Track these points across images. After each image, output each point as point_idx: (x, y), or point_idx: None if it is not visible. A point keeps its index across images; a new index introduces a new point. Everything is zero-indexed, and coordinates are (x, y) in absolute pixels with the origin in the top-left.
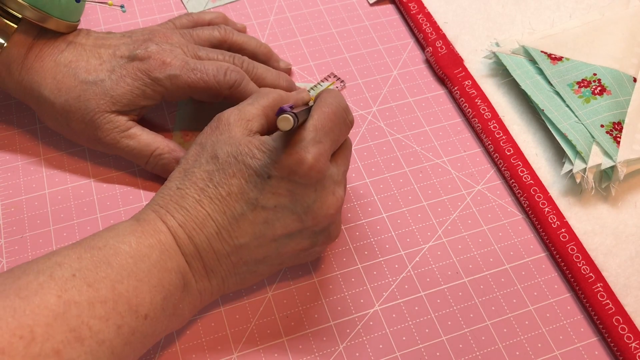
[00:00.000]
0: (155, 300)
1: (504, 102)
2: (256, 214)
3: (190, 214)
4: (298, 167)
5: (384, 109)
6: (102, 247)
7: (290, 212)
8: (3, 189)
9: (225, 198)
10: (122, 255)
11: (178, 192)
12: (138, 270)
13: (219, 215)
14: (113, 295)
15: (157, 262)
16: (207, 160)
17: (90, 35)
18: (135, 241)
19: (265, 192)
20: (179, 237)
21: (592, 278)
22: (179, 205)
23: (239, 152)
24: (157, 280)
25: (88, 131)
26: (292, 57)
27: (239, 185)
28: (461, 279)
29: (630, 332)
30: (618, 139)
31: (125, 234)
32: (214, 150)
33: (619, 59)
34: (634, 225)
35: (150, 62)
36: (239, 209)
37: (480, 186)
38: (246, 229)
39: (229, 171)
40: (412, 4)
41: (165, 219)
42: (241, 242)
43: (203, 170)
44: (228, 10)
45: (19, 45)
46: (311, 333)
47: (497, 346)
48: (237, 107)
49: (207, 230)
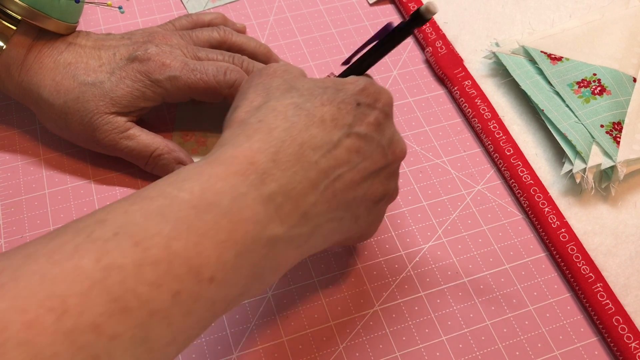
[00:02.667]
0: (224, 258)
1: (504, 102)
2: (351, 142)
3: (285, 144)
4: (381, 95)
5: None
6: (156, 197)
7: (377, 144)
8: (3, 189)
9: (321, 124)
10: (180, 205)
11: (262, 124)
12: (201, 223)
13: (317, 142)
14: (167, 254)
15: (228, 211)
16: (284, 94)
17: (90, 36)
18: (199, 187)
19: (358, 119)
20: (270, 173)
21: (592, 278)
22: (267, 135)
23: (323, 84)
24: (226, 233)
25: (87, 132)
26: (292, 57)
27: (332, 112)
28: (461, 279)
29: (630, 332)
30: (618, 139)
31: (186, 179)
32: (288, 86)
33: (618, 59)
34: (634, 225)
35: (150, 64)
36: (336, 135)
37: (480, 186)
38: (344, 157)
39: (317, 100)
40: (412, 4)
41: (249, 153)
42: (339, 172)
43: (285, 102)
44: (228, 10)
45: (18, 46)
46: (311, 333)
47: (497, 346)
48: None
49: (305, 160)
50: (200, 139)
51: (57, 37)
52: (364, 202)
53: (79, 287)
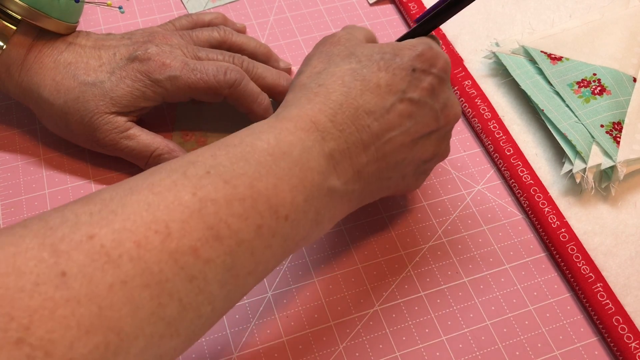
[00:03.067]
0: (296, 200)
1: (504, 102)
2: (404, 106)
3: (342, 106)
4: (437, 60)
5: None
6: (238, 144)
7: (429, 109)
8: (3, 189)
9: (375, 90)
10: (259, 152)
11: (321, 88)
12: (277, 168)
13: (371, 106)
14: (252, 192)
15: (299, 161)
16: (344, 60)
17: (90, 36)
18: (273, 138)
19: (412, 85)
20: (329, 132)
21: (592, 278)
22: (326, 98)
23: (380, 51)
24: (298, 179)
25: (87, 132)
26: (292, 57)
27: (387, 78)
28: (461, 279)
29: (630, 332)
30: (618, 139)
31: (262, 130)
32: (349, 52)
33: (618, 59)
34: (634, 225)
35: (150, 64)
36: (390, 100)
37: (480, 186)
38: (395, 121)
39: (373, 66)
40: (412, 4)
41: (311, 113)
42: (390, 135)
43: (344, 68)
44: (228, 10)
45: (18, 46)
46: (311, 333)
47: (497, 346)
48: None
49: (359, 123)
50: (200, 139)
51: (57, 37)
52: (412, 162)
53: (180, 215)
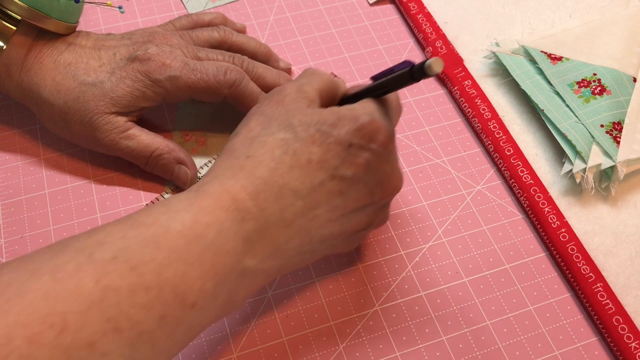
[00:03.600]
0: (206, 287)
1: (504, 102)
2: (335, 184)
3: (267, 184)
4: (377, 135)
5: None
6: (151, 225)
7: (363, 185)
8: (3, 189)
9: (305, 166)
10: (172, 234)
11: (249, 160)
12: (189, 254)
13: (298, 184)
14: (158, 281)
15: (213, 244)
16: (279, 128)
17: (90, 36)
18: (189, 219)
19: (346, 161)
20: (249, 212)
21: (592, 278)
22: (251, 174)
23: (318, 120)
24: (210, 265)
25: (87, 132)
26: (292, 57)
27: (320, 153)
28: (461, 278)
29: (630, 332)
30: (618, 139)
31: (179, 209)
32: (286, 119)
33: (619, 59)
34: (634, 225)
35: (150, 64)
36: (319, 177)
37: (480, 186)
38: (322, 199)
39: (308, 139)
40: (412, 4)
41: (233, 190)
42: (316, 213)
43: (277, 138)
44: (228, 10)
45: (18, 47)
46: (311, 333)
47: (497, 346)
48: (294, 83)
49: (282, 202)
50: (200, 138)
51: (57, 37)
52: (341, 234)
53: (79, 306)
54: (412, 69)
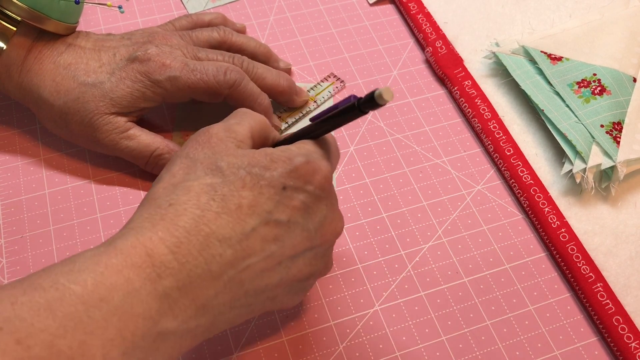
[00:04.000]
0: (110, 356)
1: (504, 102)
2: (269, 229)
3: (190, 234)
4: (314, 176)
5: (383, 109)
6: (47, 288)
7: (301, 229)
8: (3, 189)
9: (235, 212)
10: (70, 299)
11: (171, 209)
12: (89, 320)
13: (226, 232)
14: (50, 354)
15: (119, 308)
16: (206, 172)
17: (89, 37)
18: (92, 280)
19: (280, 204)
20: (167, 267)
21: (592, 278)
22: (173, 224)
23: (249, 162)
24: (115, 330)
25: (87, 133)
26: (292, 57)
27: (252, 197)
28: (461, 278)
29: (630, 332)
30: (618, 139)
31: (82, 269)
32: (213, 162)
33: (619, 59)
34: (634, 225)
35: (150, 64)
36: (251, 224)
37: (480, 186)
38: (256, 247)
39: (237, 183)
40: (412, 4)
41: (149, 244)
42: (248, 262)
43: (203, 182)
44: (228, 10)
45: (18, 47)
46: (311, 333)
47: (497, 346)
48: (223, 123)
49: (208, 252)
50: None
51: (56, 38)
52: (281, 284)
53: None
54: (359, 101)
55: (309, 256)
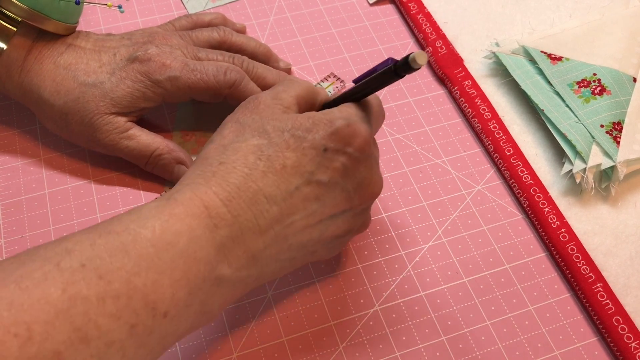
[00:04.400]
0: (178, 295)
1: (504, 102)
2: (311, 189)
3: (240, 190)
4: (354, 139)
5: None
6: (121, 232)
7: (341, 190)
8: (3, 189)
9: (280, 172)
10: (142, 242)
11: (222, 167)
12: (159, 261)
13: (272, 190)
14: (127, 289)
15: (184, 252)
16: (253, 134)
17: (89, 37)
18: (159, 226)
19: (321, 166)
20: (223, 218)
21: (592, 278)
22: (224, 180)
23: (293, 126)
24: (181, 272)
25: (87, 133)
26: (292, 57)
27: (295, 158)
28: (461, 279)
29: (630, 332)
30: (618, 139)
31: (149, 217)
32: (260, 125)
33: (619, 59)
34: (634, 225)
35: (150, 64)
36: (295, 183)
37: (480, 186)
38: (299, 205)
39: (282, 144)
40: (412, 4)
41: (205, 197)
42: (292, 219)
43: (250, 144)
44: (228, 10)
45: (18, 48)
46: (311, 333)
47: (497, 346)
48: (271, 91)
49: (257, 208)
50: (200, 139)
51: (56, 38)
52: (320, 241)
53: (45, 315)
54: (396, 65)
55: (348, 215)
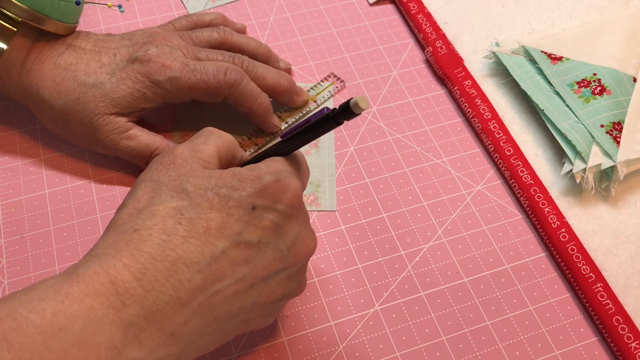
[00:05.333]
0: None
1: (504, 102)
2: (239, 251)
3: (155, 260)
4: (284, 195)
5: (384, 109)
6: (4, 318)
7: (272, 249)
8: (3, 189)
9: (203, 235)
10: (27, 329)
11: (136, 234)
12: (47, 351)
13: (194, 256)
14: None
15: (79, 337)
16: (172, 195)
17: (89, 37)
18: (52, 309)
19: (250, 225)
20: (133, 294)
21: (592, 278)
22: (137, 250)
23: (216, 183)
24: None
25: (87, 133)
26: (292, 57)
27: (220, 219)
28: (461, 279)
29: (630, 332)
30: (618, 139)
31: (42, 297)
32: (178, 184)
33: (619, 59)
34: (634, 225)
35: (150, 65)
36: (220, 246)
37: (480, 186)
38: (226, 270)
39: (205, 205)
40: (412, 4)
41: (113, 271)
42: (219, 287)
43: (169, 206)
44: (228, 10)
45: (18, 48)
46: (311, 333)
47: (497, 346)
48: (188, 143)
49: (176, 278)
50: None
51: (57, 38)
52: (253, 308)
53: None
54: (334, 112)
55: (282, 277)
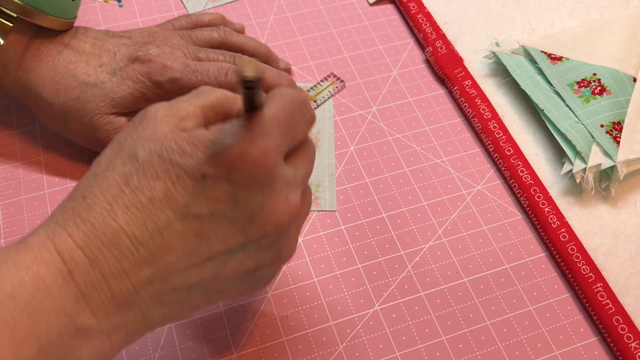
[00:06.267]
0: (23, 355)
1: (504, 102)
2: (186, 225)
3: (97, 230)
4: (240, 163)
5: (383, 109)
6: None
7: (230, 222)
8: (3, 189)
9: (146, 206)
10: None
11: (84, 202)
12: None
13: (136, 229)
14: None
15: (27, 305)
16: (124, 160)
17: (88, 35)
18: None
19: (198, 196)
20: (76, 263)
21: (592, 278)
22: (82, 219)
23: (165, 148)
24: (25, 329)
25: (87, 132)
26: (292, 57)
27: (164, 188)
28: (461, 279)
29: (630, 332)
30: (618, 139)
31: None
32: (133, 148)
33: (619, 59)
34: (634, 225)
35: (151, 65)
36: (164, 219)
37: (480, 186)
38: (174, 244)
39: (151, 172)
40: (412, 4)
41: (57, 241)
42: (168, 260)
43: (118, 173)
44: (228, 10)
45: (15, 44)
46: (311, 333)
47: (497, 346)
48: (170, 101)
49: (118, 250)
50: None
51: (55, 35)
52: (220, 279)
53: None
54: None
55: (250, 250)
